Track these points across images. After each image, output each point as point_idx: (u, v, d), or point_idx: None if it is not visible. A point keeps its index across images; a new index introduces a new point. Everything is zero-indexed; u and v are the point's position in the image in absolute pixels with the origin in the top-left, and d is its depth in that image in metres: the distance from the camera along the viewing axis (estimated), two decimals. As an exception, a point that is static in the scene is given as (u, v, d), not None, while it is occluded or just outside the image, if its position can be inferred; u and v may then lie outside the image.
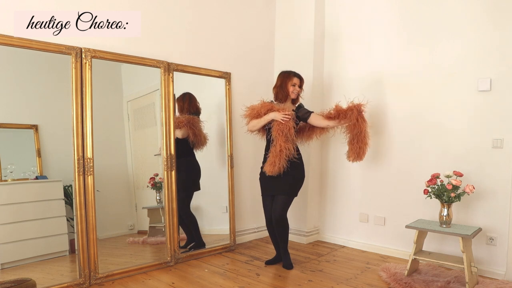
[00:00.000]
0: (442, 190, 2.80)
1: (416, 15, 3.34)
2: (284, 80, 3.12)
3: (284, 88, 3.11)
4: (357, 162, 3.13)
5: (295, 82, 3.10)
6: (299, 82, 3.13)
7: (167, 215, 3.11)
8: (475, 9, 3.02)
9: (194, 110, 3.40)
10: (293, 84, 3.09)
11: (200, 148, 3.43)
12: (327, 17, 3.96)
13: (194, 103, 3.41)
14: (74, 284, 2.60)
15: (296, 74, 3.13)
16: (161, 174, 3.16)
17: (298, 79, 3.12)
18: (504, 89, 2.89)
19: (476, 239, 2.96)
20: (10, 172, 2.57)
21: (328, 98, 3.94)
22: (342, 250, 3.68)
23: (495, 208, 2.93)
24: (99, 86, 2.76)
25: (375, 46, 3.60)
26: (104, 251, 2.86)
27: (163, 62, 3.13)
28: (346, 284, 2.78)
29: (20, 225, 2.56)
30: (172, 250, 3.13)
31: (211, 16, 3.62)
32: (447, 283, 2.67)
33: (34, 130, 2.69)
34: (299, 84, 3.12)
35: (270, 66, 4.18)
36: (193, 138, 3.33)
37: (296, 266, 3.15)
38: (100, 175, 2.77)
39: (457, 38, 3.11)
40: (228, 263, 3.24)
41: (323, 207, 4.03)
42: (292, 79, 3.10)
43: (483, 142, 2.98)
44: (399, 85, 3.44)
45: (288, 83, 3.09)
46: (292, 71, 3.15)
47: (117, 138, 3.17)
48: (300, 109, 3.13)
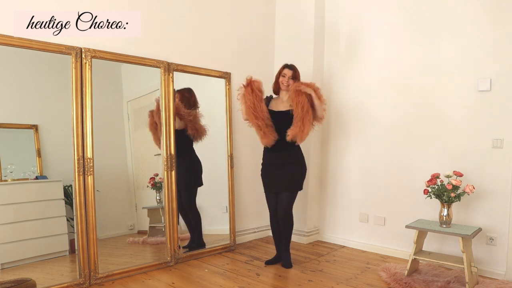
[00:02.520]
0: (442, 190, 2.80)
1: (416, 15, 3.34)
2: (278, 72, 3.18)
3: (276, 81, 3.17)
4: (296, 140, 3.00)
5: (285, 73, 3.11)
6: (291, 73, 3.11)
7: (167, 215, 3.11)
8: (475, 9, 3.02)
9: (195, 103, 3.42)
10: (283, 75, 3.11)
11: (199, 139, 3.42)
12: (327, 17, 3.96)
13: (196, 99, 3.43)
14: (74, 284, 2.60)
15: (287, 65, 3.16)
16: (161, 174, 3.16)
17: (289, 69, 3.12)
18: (504, 89, 2.89)
19: (476, 239, 2.96)
20: (10, 172, 2.57)
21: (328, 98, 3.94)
22: (342, 250, 3.68)
23: (495, 208, 2.93)
24: (99, 86, 2.76)
25: (375, 45, 3.60)
26: (104, 251, 2.86)
27: (163, 62, 3.13)
28: (346, 284, 2.78)
29: (20, 225, 2.56)
30: (172, 250, 3.13)
31: (211, 16, 3.62)
32: (447, 283, 2.67)
33: (34, 130, 2.69)
34: (290, 75, 3.10)
35: (270, 66, 4.18)
36: (193, 132, 3.33)
37: (296, 266, 3.15)
38: (100, 175, 2.77)
39: (457, 38, 3.11)
40: (228, 263, 3.24)
41: (323, 207, 4.03)
42: (282, 71, 3.14)
43: (483, 142, 2.98)
44: (399, 84, 3.44)
45: (279, 75, 3.14)
46: (285, 63, 3.18)
47: (117, 138, 3.17)
48: None
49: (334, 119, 3.91)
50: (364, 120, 3.68)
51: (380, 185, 3.57)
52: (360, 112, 3.71)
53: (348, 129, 3.79)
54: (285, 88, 3.11)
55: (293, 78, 3.11)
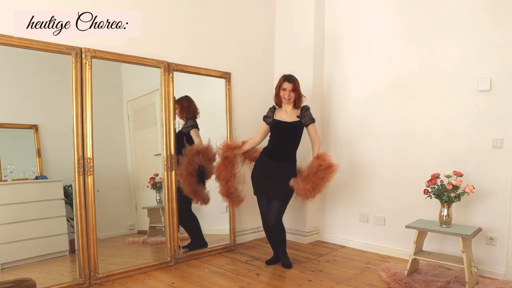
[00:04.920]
0: (442, 190, 2.79)
1: (416, 15, 3.34)
2: (277, 85, 3.13)
3: (277, 94, 3.13)
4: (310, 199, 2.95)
5: (284, 87, 3.07)
6: (290, 86, 3.06)
7: (167, 215, 3.11)
8: (475, 9, 3.02)
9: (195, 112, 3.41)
10: (283, 88, 3.08)
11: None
12: (327, 16, 3.96)
13: (195, 106, 3.42)
14: (74, 284, 2.60)
15: (286, 78, 3.09)
16: (161, 174, 3.16)
17: (289, 83, 3.06)
18: (504, 89, 2.89)
19: (476, 239, 2.96)
20: (10, 172, 2.57)
21: (328, 98, 3.94)
22: (342, 250, 3.68)
23: (495, 208, 2.93)
24: (99, 86, 2.76)
25: (376, 48, 3.60)
26: (104, 251, 2.86)
27: (163, 62, 3.13)
28: (346, 284, 2.78)
29: (20, 225, 2.56)
30: (172, 250, 3.13)
31: (211, 16, 3.62)
32: (447, 283, 2.67)
33: (34, 130, 2.69)
34: (290, 89, 3.06)
35: (270, 66, 4.18)
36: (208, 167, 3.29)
37: (296, 266, 3.15)
38: (100, 175, 2.77)
39: (457, 38, 3.11)
40: (228, 263, 3.24)
41: (323, 207, 4.03)
42: (282, 84, 3.09)
43: (483, 142, 2.98)
44: (399, 86, 3.44)
45: (279, 89, 3.10)
46: (284, 75, 3.12)
47: (117, 138, 3.17)
48: (306, 112, 3.11)
49: (334, 118, 3.91)
50: (364, 120, 3.68)
51: (380, 185, 3.56)
52: (360, 112, 3.71)
53: (348, 129, 3.79)
54: (287, 102, 3.10)
55: (293, 91, 3.08)
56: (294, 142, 3.10)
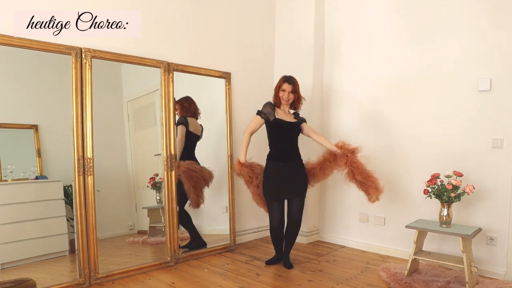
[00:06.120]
0: (442, 190, 2.79)
1: (416, 18, 3.34)
2: (277, 86, 3.13)
3: (276, 94, 3.13)
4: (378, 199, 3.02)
5: (284, 88, 3.07)
6: (290, 87, 3.06)
7: (167, 215, 3.11)
8: (475, 9, 3.02)
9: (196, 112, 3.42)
10: (283, 89, 3.07)
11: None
12: (327, 16, 3.96)
13: (196, 106, 3.42)
14: (74, 284, 2.60)
15: (287, 79, 3.09)
16: (161, 174, 3.16)
17: (289, 84, 3.06)
18: (504, 89, 2.89)
19: (476, 239, 2.96)
20: (10, 172, 2.57)
21: (328, 98, 3.94)
22: (342, 250, 3.68)
23: (495, 208, 2.93)
24: (99, 86, 2.76)
25: (376, 48, 3.60)
26: (104, 251, 2.86)
27: (163, 62, 3.13)
28: (346, 284, 2.78)
29: (20, 225, 2.56)
30: (172, 250, 3.13)
31: (211, 16, 3.62)
32: (447, 283, 2.67)
33: (34, 130, 2.69)
34: (290, 90, 3.06)
35: (270, 66, 4.18)
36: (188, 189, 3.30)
37: (296, 266, 3.15)
38: (100, 175, 2.77)
39: (457, 38, 3.11)
40: (228, 263, 3.24)
41: (323, 207, 4.03)
42: (281, 85, 3.09)
43: (483, 142, 2.98)
44: (399, 86, 3.44)
45: (279, 89, 3.10)
46: (284, 76, 3.12)
47: (117, 138, 3.17)
48: (298, 116, 3.20)
49: (334, 119, 3.91)
50: (363, 120, 3.68)
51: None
52: (360, 112, 3.71)
53: (348, 128, 3.79)
54: (286, 103, 3.10)
55: (293, 93, 3.08)
56: (296, 140, 3.15)
